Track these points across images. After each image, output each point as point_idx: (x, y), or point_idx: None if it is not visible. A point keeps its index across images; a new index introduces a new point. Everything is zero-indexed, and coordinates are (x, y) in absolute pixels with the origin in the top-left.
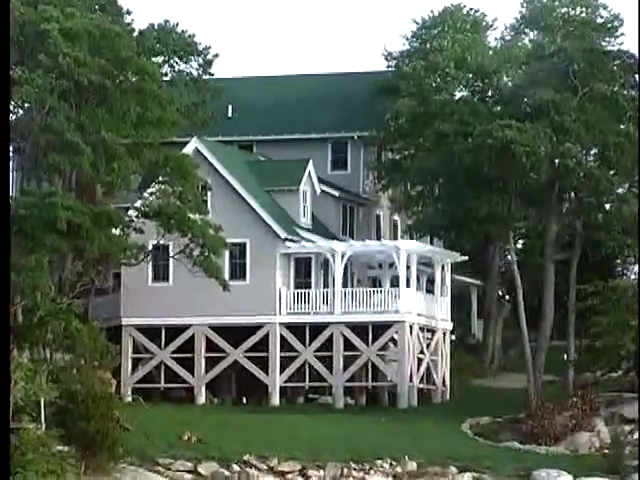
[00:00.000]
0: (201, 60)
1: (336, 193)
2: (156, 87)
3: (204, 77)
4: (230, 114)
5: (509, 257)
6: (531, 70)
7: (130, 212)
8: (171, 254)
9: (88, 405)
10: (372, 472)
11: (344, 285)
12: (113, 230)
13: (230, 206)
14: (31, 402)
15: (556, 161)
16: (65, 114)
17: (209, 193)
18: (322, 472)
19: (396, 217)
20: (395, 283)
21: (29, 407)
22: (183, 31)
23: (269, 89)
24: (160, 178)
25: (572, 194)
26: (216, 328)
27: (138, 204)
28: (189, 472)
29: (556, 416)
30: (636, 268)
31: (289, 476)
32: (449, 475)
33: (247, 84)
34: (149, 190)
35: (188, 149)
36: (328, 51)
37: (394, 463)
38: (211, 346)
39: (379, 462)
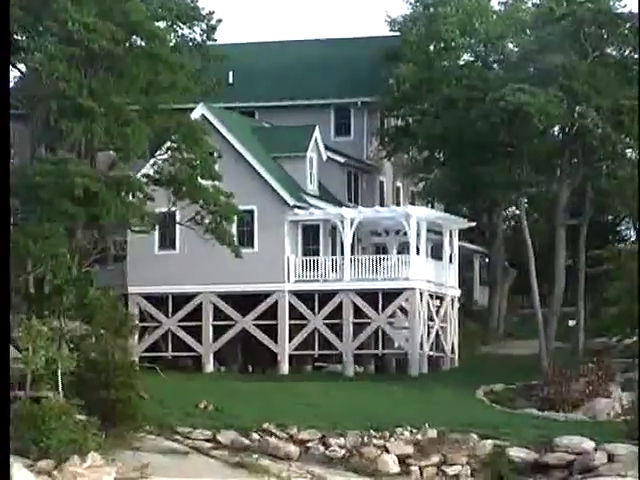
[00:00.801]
0: (204, 25)
1: (341, 160)
2: (167, 52)
3: (208, 43)
4: (231, 80)
5: (517, 223)
6: (540, 34)
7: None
8: (178, 221)
9: (108, 374)
10: (393, 440)
11: (351, 252)
12: (130, 197)
13: (237, 173)
14: (50, 371)
15: (567, 126)
16: (76, 80)
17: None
18: (343, 440)
19: (399, 184)
20: (402, 250)
21: (47, 376)
22: None
23: (270, 55)
24: (170, 144)
25: (583, 159)
26: (224, 296)
27: (149, 171)
28: (208, 441)
29: (573, 382)
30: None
31: (309, 444)
32: (470, 442)
33: (248, 50)
34: (160, 157)
35: (194, 115)
36: (330, 16)
37: (414, 431)
38: (219, 314)
39: (399, 430)
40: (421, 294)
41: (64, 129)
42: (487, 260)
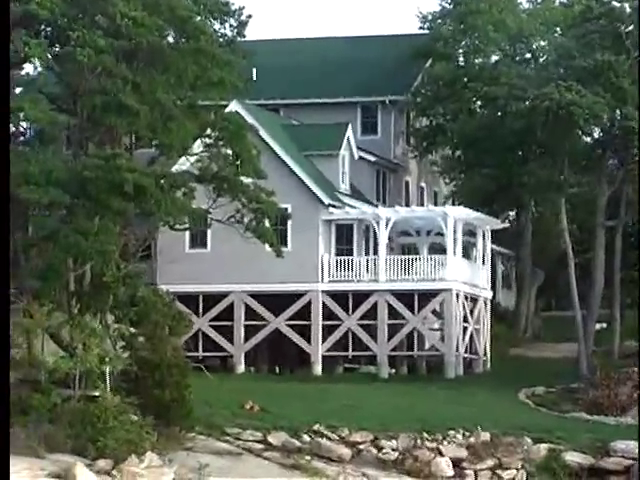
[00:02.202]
0: (233, 21)
1: (372, 158)
2: (214, 48)
3: (239, 39)
4: (255, 77)
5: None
6: (577, 32)
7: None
8: (217, 219)
9: (162, 373)
10: (445, 443)
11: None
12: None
13: (271, 171)
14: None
15: (610, 125)
16: (121, 75)
17: None
18: (395, 442)
19: (422, 183)
20: (433, 251)
21: (94, 374)
22: None
23: (296, 52)
24: (213, 140)
25: (623, 159)
26: (256, 296)
27: (187, 166)
28: (259, 442)
29: (620, 386)
30: None
31: (361, 446)
32: (524, 446)
33: (272, 47)
34: (202, 153)
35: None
36: (356, 13)
37: (467, 434)
38: (250, 314)
39: (451, 433)
40: (457, 295)
41: (107, 124)
42: (511, 261)
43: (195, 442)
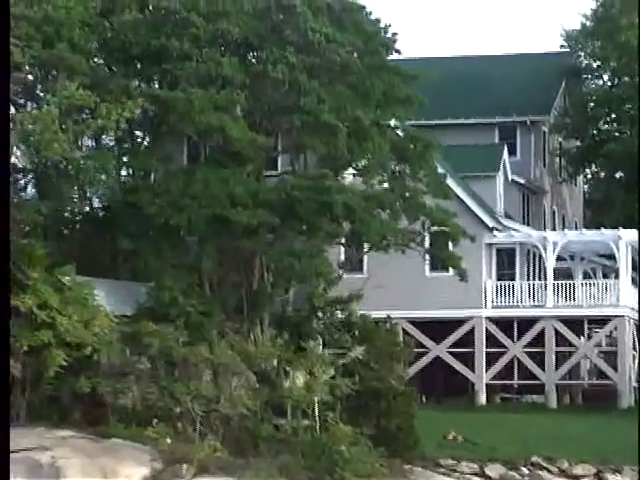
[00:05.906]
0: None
1: (521, 181)
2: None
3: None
4: None
5: None
6: None
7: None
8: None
9: (389, 401)
10: None
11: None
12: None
13: None
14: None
15: None
16: (315, 92)
17: None
18: (619, 476)
19: (554, 207)
20: (588, 275)
21: (304, 403)
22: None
23: (431, 71)
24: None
25: None
26: (415, 322)
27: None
28: (476, 474)
29: None
30: None
31: None
32: None
33: (408, 66)
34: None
35: None
36: (492, 31)
37: None
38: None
39: None
40: (628, 322)
41: (305, 143)
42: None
43: (415, 474)
